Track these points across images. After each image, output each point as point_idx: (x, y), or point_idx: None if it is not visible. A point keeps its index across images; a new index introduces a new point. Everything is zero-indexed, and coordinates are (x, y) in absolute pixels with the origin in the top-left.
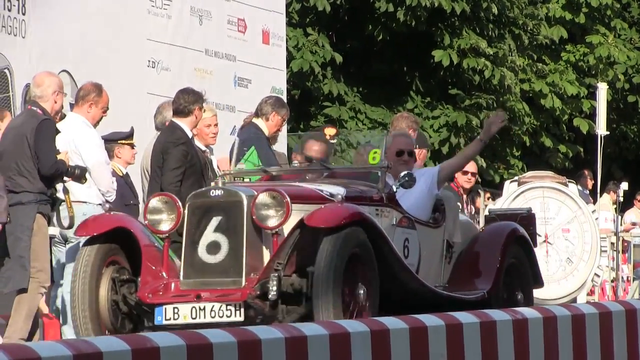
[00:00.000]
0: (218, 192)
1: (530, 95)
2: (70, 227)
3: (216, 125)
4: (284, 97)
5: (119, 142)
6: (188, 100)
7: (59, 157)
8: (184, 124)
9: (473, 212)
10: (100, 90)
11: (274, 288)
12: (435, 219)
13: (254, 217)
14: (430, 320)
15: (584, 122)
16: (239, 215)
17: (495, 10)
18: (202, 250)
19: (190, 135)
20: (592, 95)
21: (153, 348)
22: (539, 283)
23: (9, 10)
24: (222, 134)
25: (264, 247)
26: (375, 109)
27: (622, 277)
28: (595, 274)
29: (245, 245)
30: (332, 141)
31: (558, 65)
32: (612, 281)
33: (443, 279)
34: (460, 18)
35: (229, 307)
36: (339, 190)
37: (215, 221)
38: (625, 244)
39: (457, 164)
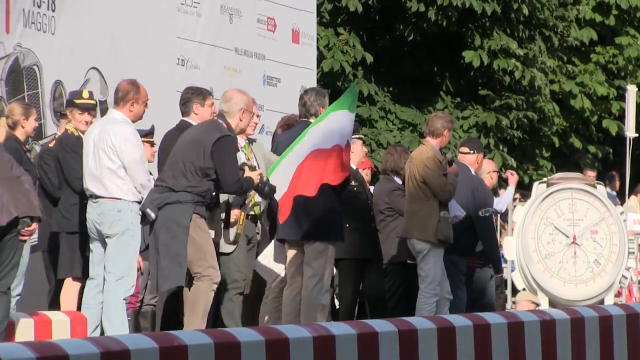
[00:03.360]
0: None
1: (560, 96)
2: (234, 242)
3: (258, 115)
4: None
5: None
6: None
7: (251, 174)
8: (193, 121)
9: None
10: (137, 86)
11: None
12: None
13: None
14: (458, 320)
15: (613, 124)
16: None
17: (525, 11)
18: None
19: None
20: (621, 97)
21: (181, 346)
22: None
23: (39, 6)
24: None
25: None
26: (405, 109)
27: None
28: (623, 275)
29: None
30: None
31: (588, 66)
32: (639, 283)
33: None
34: (491, 19)
35: None
36: None
37: None
38: None
39: None
